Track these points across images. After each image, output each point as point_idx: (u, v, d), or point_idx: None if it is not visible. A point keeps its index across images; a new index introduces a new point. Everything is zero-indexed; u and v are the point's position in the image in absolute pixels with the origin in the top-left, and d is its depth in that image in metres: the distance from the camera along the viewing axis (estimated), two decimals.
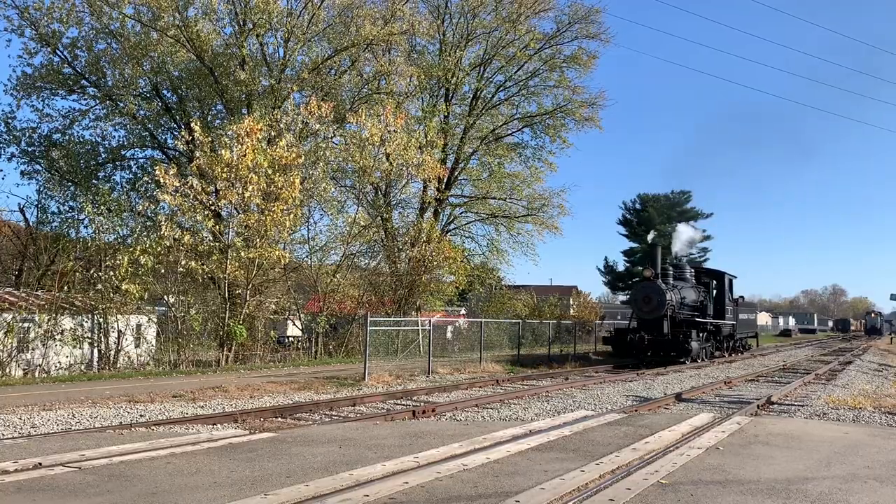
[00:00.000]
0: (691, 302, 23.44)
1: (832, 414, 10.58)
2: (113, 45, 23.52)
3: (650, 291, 21.61)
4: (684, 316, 22.75)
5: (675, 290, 22.42)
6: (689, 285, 24.10)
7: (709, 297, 24.95)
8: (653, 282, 21.71)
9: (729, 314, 26.24)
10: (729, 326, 26.41)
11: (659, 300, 21.37)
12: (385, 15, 24.62)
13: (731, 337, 27.09)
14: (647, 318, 21.56)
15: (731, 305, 26.72)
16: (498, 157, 31.61)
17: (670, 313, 21.49)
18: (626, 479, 5.50)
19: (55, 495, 4.80)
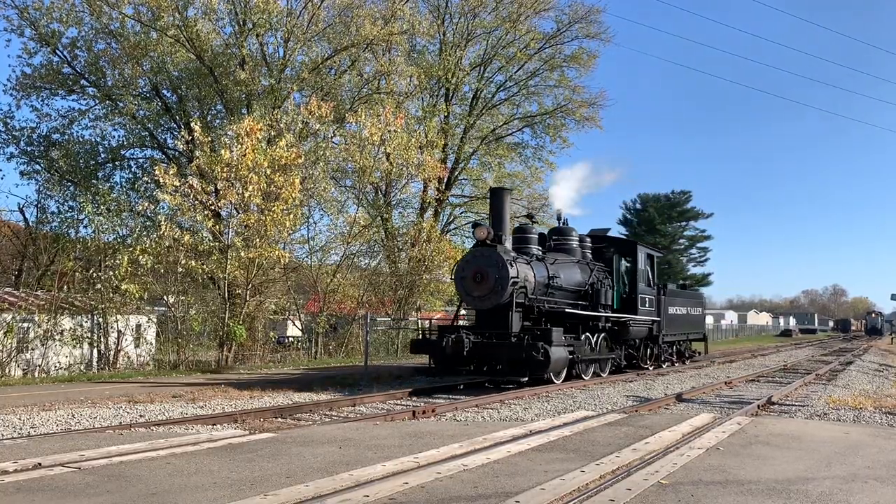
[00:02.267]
0: (573, 285, 15.71)
1: (833, 414, 10.57)
2: (113, 45, 23.51)
3: (483, 263, 13.54)
4: (556, 306, 14.91)
5: (535, 263, 14.61)
6: (572, 260, 16.51)
7: (609, 279, 17.42)
8: (490, 247, 13.68)
9: (647, 305, 18.37)
10: (646, 324, 18.32)
11: (498, 278, 13.33)
12: (385, 15, 24.62)
13: (653, 340, 19.32)
14: (480, 306, 13.85)
15: (651, 294, 18.79)
16: (498, 156, 31.62)
17: (522, 300, 13.78)
18: (626, 479, 5.50)
19: (55, 495, 4.79)
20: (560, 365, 13.35)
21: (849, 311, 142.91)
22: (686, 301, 22.39)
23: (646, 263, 18.96)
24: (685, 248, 74.46)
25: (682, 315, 21.52)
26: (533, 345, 12.55)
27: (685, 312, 21.91)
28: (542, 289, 14.52)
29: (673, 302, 20.53)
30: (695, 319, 23.24)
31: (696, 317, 23.29)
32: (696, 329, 23.39)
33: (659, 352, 19.90)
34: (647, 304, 18.52)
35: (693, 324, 22.98)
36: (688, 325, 22.41)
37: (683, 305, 21.82)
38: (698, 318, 23.73)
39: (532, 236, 15.69)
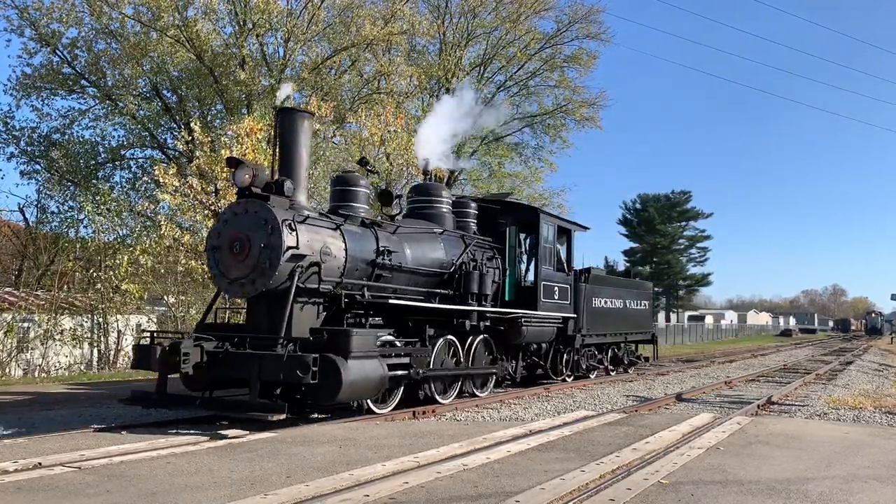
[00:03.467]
0: (428, 265, 10.88)
1: (832, 414, 10.57)
2: (113, 45, 23.53)
3: (243, 226, 8.53)
4: (396, 295, 10.00)
5: (350, 229, 9.48)
6: (431, 231, 11.40)
7: (498, 260, 12.85)
8: (259, 199, 8.50)
9: (555, 297, 13.56)
10: (552, 323, 13.48)
11: (264, 248, 8.31)
12: (385, 15, 24.63)
13: (568, 343, 14.50)
14: (241, 294, 8.86)
15: (561, 282, 13.94)
16: (498, 156, 31.64)
17: (316, 284, 8.73)
18: (626, 479, 5.50)
19: (55, 495, 4.79)
20: (368, 387, 8.05)
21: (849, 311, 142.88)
22: (621, 292, 17.23)
23: (554, 240, 13.81)
24: (685, 248, 74.51)
25: (615, 310, 16.64)
26: (297, 358, 7.30)
27: (620, 306, 16.94)
28: (362, 269, 9.41)
29: (600, 293, 15.73)
30: (637, 315, 18.18)
31: (638, 312, 18.24)
32: (639, 328, 18.23)
33: (578, 358, 14.97)
34: (556, 296, 13.51)
35: (635, 321, 17.96)
36: (626, 323, 17.37)
37: (618, 297, 16.80)
38: (642, 314, 18.59)
39: (360, 191, 10.39)
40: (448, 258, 11.27)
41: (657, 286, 71.26)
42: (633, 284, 19.02)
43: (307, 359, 7.28)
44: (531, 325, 12.58)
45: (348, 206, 10.19)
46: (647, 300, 19.09)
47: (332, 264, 8.98)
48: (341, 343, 7.77)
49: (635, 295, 18.18)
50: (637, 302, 18.19)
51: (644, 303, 18.77)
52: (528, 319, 12.40)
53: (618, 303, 16.82)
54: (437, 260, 11.10)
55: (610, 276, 17.97)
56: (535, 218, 13.52)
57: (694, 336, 48.32)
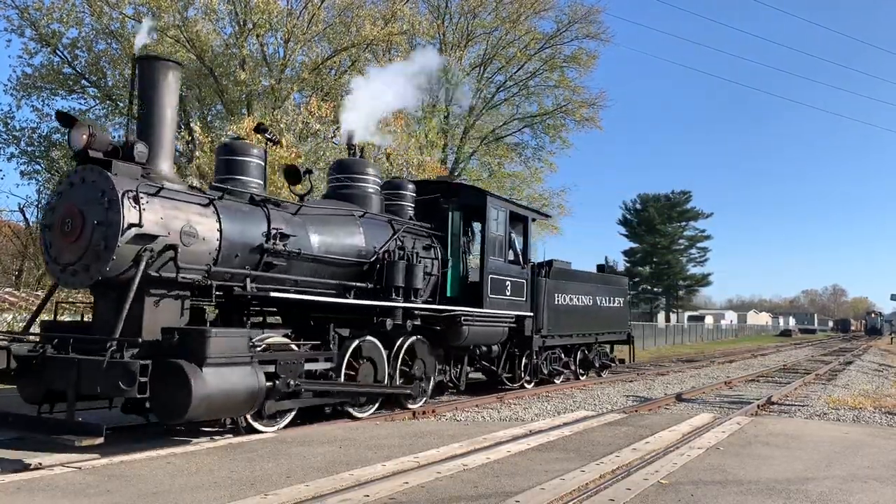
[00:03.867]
0: (341, 254, 9.17)
1: (832, 414, 10.58)
2: (113, 46, 23.53)
3: (76, 198, 6.94)
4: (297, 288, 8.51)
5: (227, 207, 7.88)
6: (349, 213, 9.67)
7: (437, 250, 11.12)
8: (99, 165, 6.82)
9: (506, 293, 11.95)
10: (502, 322, 11.80)
11: (98, 226, 6.70)
12: (385, 15, 24.64)
13: (524, 345, 12.83)
14: (72, 284, 7.20)
15: (514, 275, 12.24)
16: (498, 157, 31.64)
17: (173, 273, 7.07)
18: (626, 479, 5.50)
19: (55, 495, 4.80)
20: (236, 401, 6.61)
21: (848, 311, 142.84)
22: (591, 288, 15.38)
23: (506, 228, 12.08)
24: (685, 248, 74.49)
25: (583, 308, 14.85)
26: (120, 365, 5.89)
27: (589, 304, 15.14)
28: (246, 256, 7.84)
29: (564, 289, 14.08)
30: (610, 314, 16.34)
31: (612, 310, 16.42)
32: (612, 327, 16.38)
33: (538, 362, 13.29)
34: (508, 291, 11.89)
35: (607, 320, 16.16)
36: (597, 322, 15.57)
37: (586, 294, 15.02)
38: (616, 313, 16.70)
39: (251, 162, 8.63)
40: (369, 246, 9.45)
41: (657, 286, 71.40)
42: (605, 280, 16.84)
43: (132, 366, 5.77)
44: (475, 325, 10.79)
45: (235, 181, 8.42)
46: (621, 297, 17.15)
47: (198, 248, 7.27)
48: (194, 346, 6.19)
49: (608, 291, 16.32)
50: (610, 299, 16.38)
51: (618, 300, 16.85)
52: (469, 318, 10.63)
53: (586, 300, 15.02)
54: (354, 247, 9.28)
55: (576, 270, 15.69)
56: (481, 202, 11.60)
57: (694, 336, 48.28)
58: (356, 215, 9.68)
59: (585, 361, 15.80)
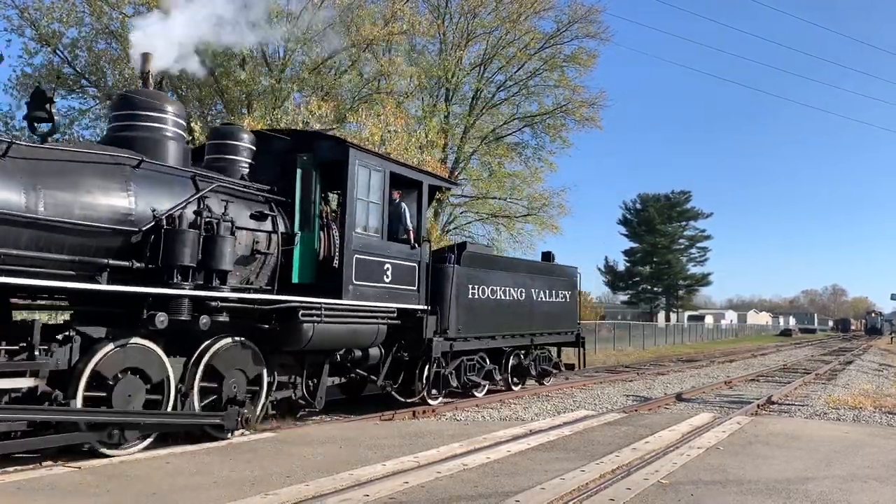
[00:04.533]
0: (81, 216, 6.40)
1: (832, 414, 10.58)
2: (113, 45, 23.54)
3: None
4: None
5: None
6: (114, 161, 6.82)
7: (277, 219, 8.35)
8: None
9: (386, 278, 9.32)
10: (379, 317, 9.08)
11: None
12: (385, 15, 24.64)
13: (416, 349, 10.06)
14: None
15: (403, 259, 9.65)
16: (498, 156, 31.63)
17: None
18: (626, 478, 5.51)
19: (55, 495, 4.80)
20: None
21: (848, 310, 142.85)
22: (524, 279, 12.72)
23: (383, 193, 9.25)
24: (685, 248, 74.51)
25: (511, 303, 12.16)
26: None
27: (521, 298, 12.50)
28: None
29: (483, 279, 11.41)
30: (553, 311, 13.62)
31: (555, 307, 13.64)
32: (555, 327, 13.72)
33: (446, 371, 10.48)
34: (387, 278, 9.20)
35: (549, 318, 13.46)
36: (534, 321, 12.90)
37: (518, 286, 12.43)
38: (562, 309, 13.94)
39: None
40: (142, 208, 6.85)
41: (657, 286, 71.40)
42: (546, 269, 13.91)
43: None
44: (328, 322, 8.07)
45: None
46: (568, 290, 14.24)
47: None
48: None
49: (549, 284, 13.49)
50: (552, 293, 13.56)
51: (564, 294, 14.01)
52: (314, 312, 7.85)
53: (517, 293, 12.38)
54: (114, 210, 6.65)
55: (502, 257, 13.50)
56: (341, 156, 8.67)
57: (694, 336, 48.30)
58: (128, 166, 6.89)
59: (519, 368, 12.98)
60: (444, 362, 10.47)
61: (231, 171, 8.39)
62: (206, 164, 8.46)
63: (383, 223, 9.30)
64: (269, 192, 8.39)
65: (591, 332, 29.74)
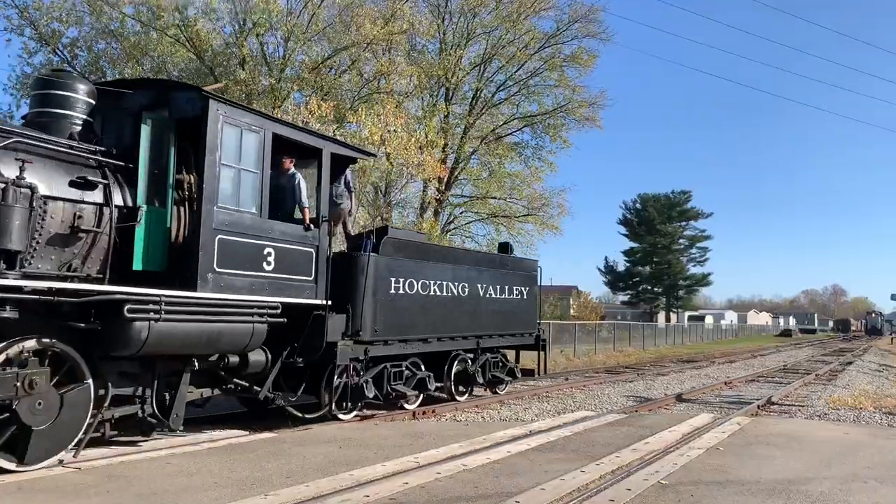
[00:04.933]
0: None
1: (833, 414, 10.59)
2: (113, 45, 23.55)
3: None
4: None
5: None
6: None
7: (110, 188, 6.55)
8: None
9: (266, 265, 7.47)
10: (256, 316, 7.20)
11: None
12: (385, 14, 24.64)
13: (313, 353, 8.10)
14: None
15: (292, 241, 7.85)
16: (498, 156, 31.64)
17: None
18: (626, 479, 5.50)
19: (55, 495, 4.80)
20: None
21: (849, 311, 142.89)
22: (466, 273, 11.00)
23: (259, 157, 7.57)
24: (685, 248, 74.54)
25: (450, 301, 10.54)
26: None
27: (462, 295, 10.80)
28: None
29: (411, 271, 9.70)
30: (506, 310, 11.99)
31: (508, 305, 12.06)
32: (507, 327, 12.07)
33: (360, 381, 8.74)
34: (268, 265, 7.54)
35: (500, 318, 11.84)
36: (481, 321, 11.30)
37: (458, 280, 10.71)
38: (518, 308, 12.37)
39: None
40: None
41: (657, 286, 71.43)
42: (498, 262, 12.26)
43: None
44: (175, 321, 6.40)
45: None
46: (525, 286, 12.61)
47: None
48: None
49: (502, 278, 11.88)
50: (506, 289, 11.98)
51: (520, 290, 12.39)
52: (150, 307, 6.19)
53: (458, 289, 10.69)
54: None
55: (438, 245, 11.77)
56: (196, 109, 7.08)
57: (694, 336, 48.31)
58: None
59: (464, 375, 11.23)
60: (360, 370, 8.74)
61: (56, 128, 6.67)
62: (27, 121, 6.90)
63: (262, 197, 7.49)
64: (105, 155, 6.69)
65: (591, 333, 29.79)
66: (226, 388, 7.64)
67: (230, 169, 7.18)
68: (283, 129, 8.10)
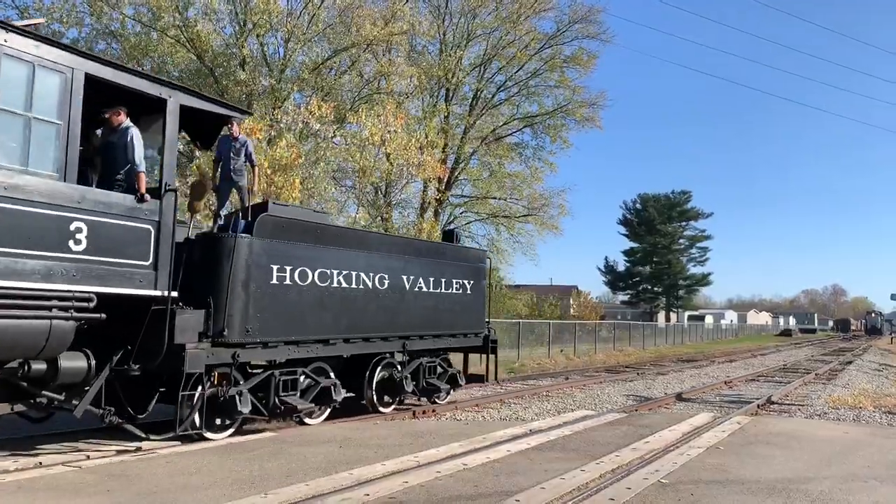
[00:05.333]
0: None
1: (832, 414, 10.59)
2: (113, 46, 23.55)
3: None
4: None
5: None
6: None
7: None
8: None
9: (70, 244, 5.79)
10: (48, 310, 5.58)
11: None
12: (385, 15, 24.64)
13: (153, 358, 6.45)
14: None
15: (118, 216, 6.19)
16: (498, 157, 31.68)
17: None
18: (626, 478, 5.51)
19: (55, 494, 4.80)
20: None
21: (849, 310, 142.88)
22: (385, 261, 9.38)
23: (65, 106, 5.95)
24: (685, 248, 74.53)
25: (364, 295, 8.95)
26: None
27: (380, 288, 9.20)
28: None
29: (308, 257, 8.25)
30: (444, 306, 10.38)
31: (446, 300, 10.44)
32: (443, 326, 10.42)
33: (229, 393, 7.24)
34: (76, 243, 5.90)
35: (438, 316, 10.26)
36: (413, 320, 9.78)
37: (375, 270, 9.14)
38: (458, 304, 10.69)
39: None
40: None
41: (657, 286, 71.42)
42: (433, 251, 10.55)
43: None
44: None
45: None
46: (470, 279, 10.87)
47: None
48: None
49: (438, 270, 10.19)
50: (444, 282, 10.27)
51: (462, 284, 10.65)
52: None
53: (376, 281, 9.03)
54: None
55: (341, 227, 10.38)
56: None
57: (694, 336, 48.31)
58: None
59: (391, 383, 9.53)
60: (236, 379, 7.27)
61: None
62: None
63: (68, 156, 5.98)
64: None
65: (591, 333, 29.78)
66: (35, 403, 6.14)
67: (14, 117, 5.67)
68: (102, 69, 6.44)
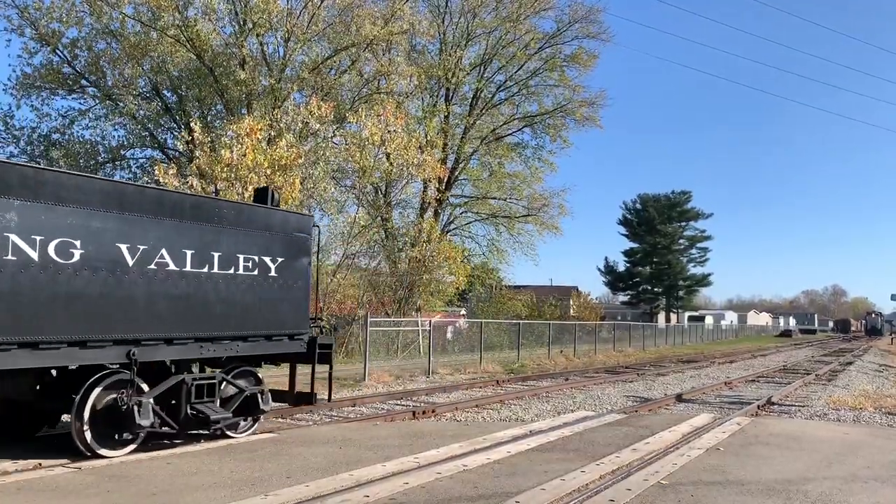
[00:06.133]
0: None
1: (832, 414, 10.58)
2: (113, 45, 23.55)
3: None
4: None
5: None
6: None
7: None
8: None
9: None
10: None
11: None
12: (385, 15, 24.63)
13: None
14: None
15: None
16: (498, 156, 31.68)
17: None
18: (626, 479, 5.51)
19: (55, 495, 4.80)
20: None
21: (849, 311, 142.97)
22: (96, 221, 6.01)
23: None
24: (685, 248, 74.55)
25: (36, 273, 5.56)
26: None
27: (55, 260, 5.69)
28: None
29: None
30: (234, 296, 7.24)
31: (228, 285, 7.18)
32: (237, 325, 7.25)
33: None
34: None
35: (212, 308, 7.01)
36: (158, 317, 6.48)
37: (40, 233, 5.64)
38: (253, 291, 7.45)
39: None
40: None
41: (657, 286, 71.40)
42: (199, 209, 7.14)
43: None
44: None
45: None
46: (281, 256, 7.86)
47: None
48: None
49: (209, 239, 7.08)
50: (221, 260, 7.19)
51: (263, 263, 7.65)
52: None
53: (52, 251, 5.75)
54: None
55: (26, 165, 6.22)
56: None
57: (694, 336, 48.31)
58: None
59: (113, 413, 6.22)
60: None
61: None
62: None
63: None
64: None
65: (591, 333, 29.80)
66: None
67: None
68: None
